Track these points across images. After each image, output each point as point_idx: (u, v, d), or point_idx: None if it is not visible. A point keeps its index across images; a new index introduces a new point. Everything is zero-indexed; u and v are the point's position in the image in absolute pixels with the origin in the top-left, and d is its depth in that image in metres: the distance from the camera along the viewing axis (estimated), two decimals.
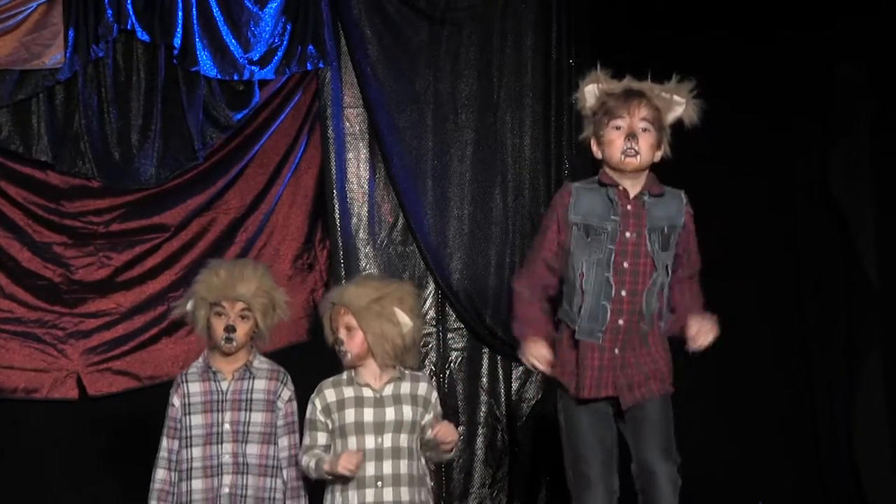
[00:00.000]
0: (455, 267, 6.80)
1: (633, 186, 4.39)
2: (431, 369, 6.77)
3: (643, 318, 4.34)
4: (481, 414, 6.83)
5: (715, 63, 6.25)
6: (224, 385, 4.75)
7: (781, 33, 6.27)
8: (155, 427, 4.98)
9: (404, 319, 4.53)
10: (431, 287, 6.81)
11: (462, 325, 6.84)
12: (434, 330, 6.81)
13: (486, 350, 6.86)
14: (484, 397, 6.83)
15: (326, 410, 4.52)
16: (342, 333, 4.51)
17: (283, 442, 4.78)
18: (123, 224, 6.44)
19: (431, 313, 6.82)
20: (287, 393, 4.82)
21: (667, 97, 4.42)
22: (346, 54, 6.73)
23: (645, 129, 4.37)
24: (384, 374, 4.54)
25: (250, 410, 4.75)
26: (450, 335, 6.83)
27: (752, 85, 6.30)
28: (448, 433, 4.50)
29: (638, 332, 4.34)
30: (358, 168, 6.79)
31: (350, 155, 6.77)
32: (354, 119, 6.78)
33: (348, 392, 4.52)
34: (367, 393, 4.51)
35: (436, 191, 6.79)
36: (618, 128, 4.36)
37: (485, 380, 6.83)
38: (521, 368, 6.87)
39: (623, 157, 4.35)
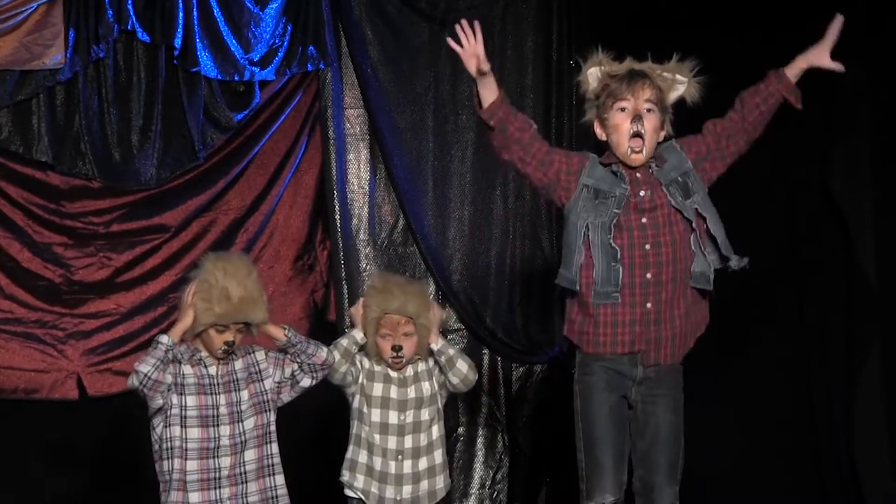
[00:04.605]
0: (455, 268, 6.81)
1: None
2: None
3: (678, 268, 4.32)
4: (481, 415, 6.83)
5: (716, 63, 6.24)
6: (212, 370, 4.79)
7: (782, 34, 6.26)
8: None
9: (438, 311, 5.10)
10: (432, 288, 6.81)
11: (462, 327, 6.84)
12: None
13: (486, 351, 6.86)
14: (484, 398, 6.83)
15: (362, 363, 5.02)
16: (401, 340, 4.94)
17: (287, 370, 4.89)
18: (124, 224, 6.45)
19: None
20: (260, 353, 4.92)
21: (668, 77, 4.43)
22: (347, 55, 6.73)
23: (649, 110, 4.39)
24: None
25: (238, 390, 4.81)
26: (450, 336, 6.81)
27: (752, 85, 6.29)
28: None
29: (676, 282, 4.33)
30: (358, 169, 6.79)
31: (350, 156, 6.77)
32: (355, 120, 6.78)
33: (377, 368, 5.02)
34: (394, 374, 5.00)
35: (436, 192, 6.80)
36: (622, 109, 4.38)
37: (485, 381, 6.83)
38: (521, 370, 6.88)
39: (629, 152, 4.36)
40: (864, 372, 6.13)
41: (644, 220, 4.34)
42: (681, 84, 4.46)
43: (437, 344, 4.98)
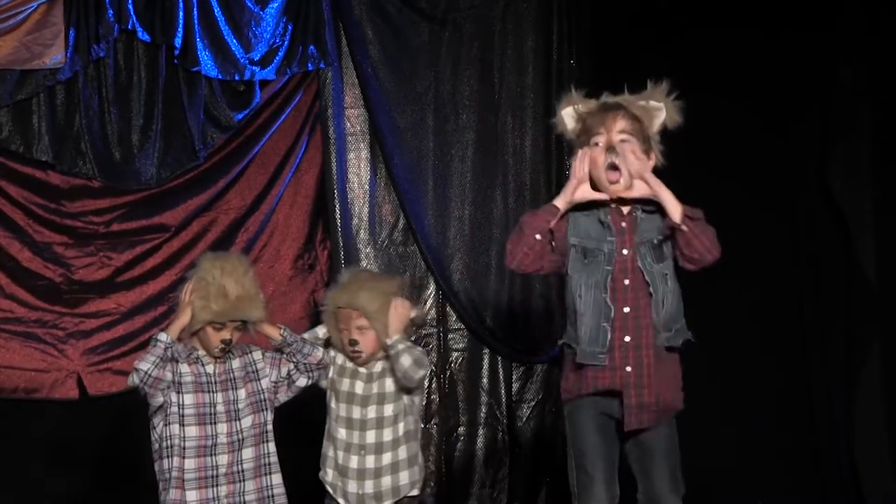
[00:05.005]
0: (455, 267, 6.81)
1: (624, 203, 4.36)
2: (432, 370, 6.77)
3: (655, 331, 4.29)
4: (481, 414, 6.83)
5: (715, 64, 6.26)
6: (210, 368, 4.81)
7: (782, 34, 6.27)
8: None
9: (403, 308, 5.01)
10: (432, 287, 6.82)
11: (462, 326, 6.84)
12: (434, 330, 6.81)
13: (486, 351, 6.86)
14: (484, 398, 6.83)
15: (334, 359, 5.05)
16: (356, 334, 4.91)
17: (284, 369, 4.91)
18: (124, 224, 6.45)
19: (432, 314, 6.83)
20: (258, 353, 4.93)
21: (644, 105, 4.36)
22: (347, 55, 6.73)
23: (624, 141, 4.30)
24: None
25: (236, 389, 4.83)
26: (450, 336, 6.83)
27: (752, 85, 6.30)
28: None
29: (654, 346, 4.30)
30: (359, 168, 6.79)
31: (351, 155, 6.77)
32: (355, 119, 6.78)
33: (348, 364, 5.04)
34: (362, 369, 5.01)
35: (436, 191, 6.80)
36: (597, 144, 4.32)
37: (485, 380, 6.83)
38: (521, 369, 6.88)
39: (609, 185, 4.30)
40: (864, 372, 6.13)
41: (627, 281, 4.29)
42: (658, 110, 4.38)
43: (390, 339, 4.94)
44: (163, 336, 4.71)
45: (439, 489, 6.74)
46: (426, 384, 6.71)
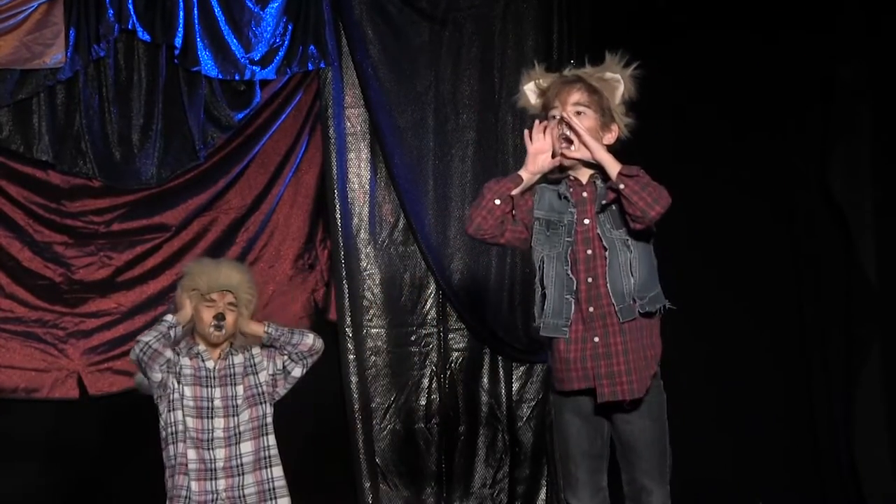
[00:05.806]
0: (456, 267, 6.80)
1: (584, 173, 4.34)
2: (432, 369, 6.77)
3: (616, 300, 4.27)
4: (482, 414, 6.83)
5: (715, 64, 6.26)
6: (210, 364, 4.83)
7: (782, 34, 6.28)
8: (155, 426, 4.99)
9: None
10: (432, 287, 6.82)
11: (462, 326, 6.84)
12: (435, 330, 6.81)
13: (486, 350, 6.86)
14: (485, 398, 6.83)
15: None
16: None
17: (279, 361, 4.93)
18: (124, 224, 6.46)
19: (432, 313, 6.83)
20: (256, 347, 4.95)
21: (602, 77, 4.34)
22: (348, 54, 6.73)
23: (579, 113, 4.30)
24: None
25: (235, 385, 4.86)
26: (450, 335, 6.83)
27: (752, 85, 6.30)
28: None
29: (618, 314, 4.29)
30: (359, 168, 6.79)
31: (351, 155, 6.77)
32: (356, 119, 6.78)
33: None
34: None
35: (437, 191, 6.80)
36: (554, 117, 4.33)
37: (485, 380, 6.82)
38: (521, 369, 6.87)
39: (560, 150, 4.31)
40: (864, 372, 6.14)
41: (589, 251, 4.28)
42: (617, 81, 4.37)
43: None
44: (169, 316, 4.82)
45: (440, 489, 6.75)
46: (426, 384, 6.75)
